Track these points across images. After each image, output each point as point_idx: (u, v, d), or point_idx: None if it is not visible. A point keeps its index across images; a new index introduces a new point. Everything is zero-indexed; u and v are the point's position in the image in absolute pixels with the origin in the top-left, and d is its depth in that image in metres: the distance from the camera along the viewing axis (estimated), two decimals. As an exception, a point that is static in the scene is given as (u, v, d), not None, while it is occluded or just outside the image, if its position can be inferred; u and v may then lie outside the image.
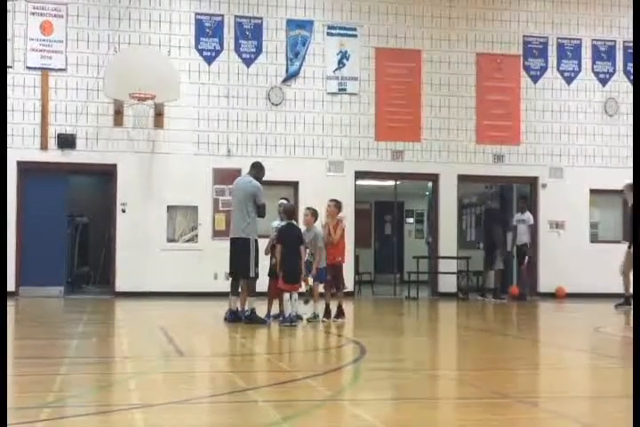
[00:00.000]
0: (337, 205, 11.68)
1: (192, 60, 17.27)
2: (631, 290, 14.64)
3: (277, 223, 11.55)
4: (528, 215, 17.63)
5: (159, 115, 16.83)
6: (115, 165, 16.79)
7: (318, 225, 11.67)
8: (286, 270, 10.77)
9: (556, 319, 13.92)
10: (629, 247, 14.15)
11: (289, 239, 10.85)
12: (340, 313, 11.47)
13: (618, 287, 14.63)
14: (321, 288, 11.53)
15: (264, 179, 11.52)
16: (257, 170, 11.39)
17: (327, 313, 11.39)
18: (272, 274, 11.25)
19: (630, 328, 11.41)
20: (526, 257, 17.37)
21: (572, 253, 18.35)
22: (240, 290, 11.04)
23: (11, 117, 16.08)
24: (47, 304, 14.81)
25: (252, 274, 10.89)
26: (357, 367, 7.17)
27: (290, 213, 11.24)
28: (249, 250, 10.87)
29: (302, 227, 11.49)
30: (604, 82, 19.37)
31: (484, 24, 18.72)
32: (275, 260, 11.13)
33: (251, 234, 10.94)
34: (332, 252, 11.45)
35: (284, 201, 11.97)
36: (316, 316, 11.35)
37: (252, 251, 10.88)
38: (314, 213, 11.54)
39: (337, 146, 17.83)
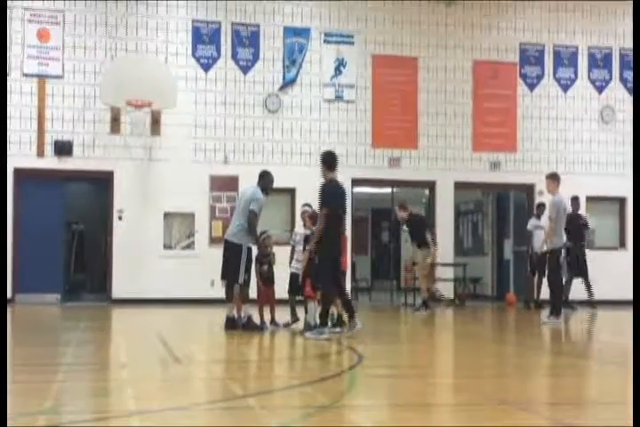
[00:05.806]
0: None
1: (189, 68, 17.28)
2: (426, 295, 14.76)
3: (301, 231, 11.40)
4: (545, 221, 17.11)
5: (156, 122, 16.82)
6: (111, 172, 16.78)
7: None
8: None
9: (552, 327, 13.89)
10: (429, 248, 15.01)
11: None
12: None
13: (614, 293, 14.65)
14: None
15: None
16: (263, 180, 11.25)
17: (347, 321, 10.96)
18: (266, 280, 11.19)
19: (624, 334, 11.39)
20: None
21: (569, 260, 18.31)
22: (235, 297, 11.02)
23: (8, 124, 16.07)
24: (44, 311, 14.77)
25: (240, 280, 10.78)
26: (354, 374, 7.16)
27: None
28: (240, 256, 10.78)
29: (301, 228, 11.50)
30: (600, 89, 19.40)
31: (480, 31, 18.76)
32: (265, 267, 11.11)
33: (244, 241, 10.85)
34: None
35: (307, 208, 11.81)
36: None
37: (242, 258, 10.78)
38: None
39: (334, 153, 17.79)
